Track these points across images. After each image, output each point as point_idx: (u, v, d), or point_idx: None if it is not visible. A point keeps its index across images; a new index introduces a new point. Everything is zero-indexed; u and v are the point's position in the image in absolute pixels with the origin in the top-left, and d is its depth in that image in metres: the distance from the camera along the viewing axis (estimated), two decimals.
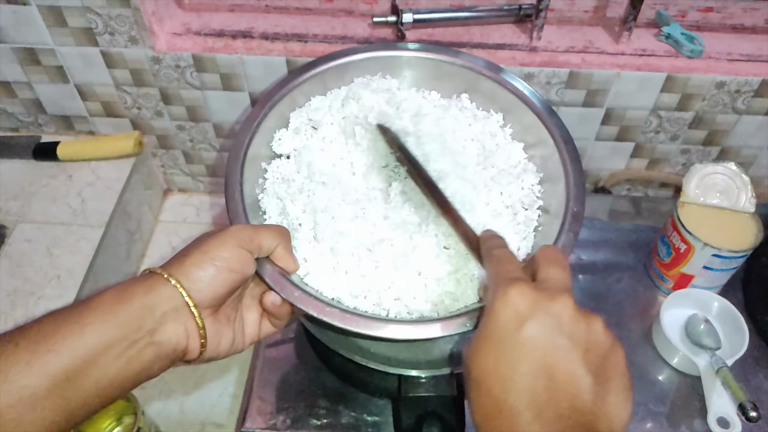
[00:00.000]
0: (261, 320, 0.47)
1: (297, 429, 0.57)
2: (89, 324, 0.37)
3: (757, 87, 0.70)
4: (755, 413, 0.51)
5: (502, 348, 0.33)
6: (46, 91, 0.78)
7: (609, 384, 0.33)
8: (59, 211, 0.76)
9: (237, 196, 0.50)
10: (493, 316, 0.34)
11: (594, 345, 0.33)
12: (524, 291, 0.34)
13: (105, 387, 0.37)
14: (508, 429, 0.33)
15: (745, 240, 0.60)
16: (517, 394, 0.32)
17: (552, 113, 0.56)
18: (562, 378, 0.32)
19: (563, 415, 0.32)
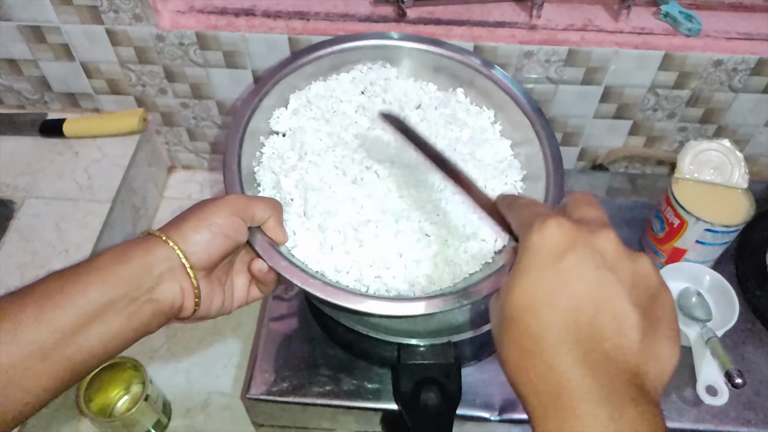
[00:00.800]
0: (249, 286, 0.50)
1: (299, 396, 0.59)
2: (92, 283, 0.39)
3: (754, 65, 0.71)
4: (740, 380, 0.53)
5: (540, 282, 0.30)
6: (52, 69, 0.79)
7: (658, 324, 0.30)
8: (66, 187, 0.77)
9: (234, 168, 0.53)
10: (529, 250, 0.31)
11: (641, 282, 0.31)
12: (562, 223, 0.31)
13: (108, 341, 0.39)
14: (548, 372, 0.29)
15: (738, 215, 0.61)
16: (558, 330, 0.30)
17: (540, 114, 0.58)
18: (607, 314, 0.29)
19: (609, 357, 0.29)
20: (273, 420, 0.63)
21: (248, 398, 0.59)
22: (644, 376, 0.29)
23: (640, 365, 0.29)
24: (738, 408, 0.59)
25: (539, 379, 0.30)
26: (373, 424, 0.61)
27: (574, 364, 0.29)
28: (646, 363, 0.29)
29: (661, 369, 0.30)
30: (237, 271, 0.50)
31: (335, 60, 0.62)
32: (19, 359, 0.36)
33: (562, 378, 0.29)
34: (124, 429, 0.65)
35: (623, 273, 0.30)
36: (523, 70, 0.73)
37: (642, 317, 0.30)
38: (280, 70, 0.59)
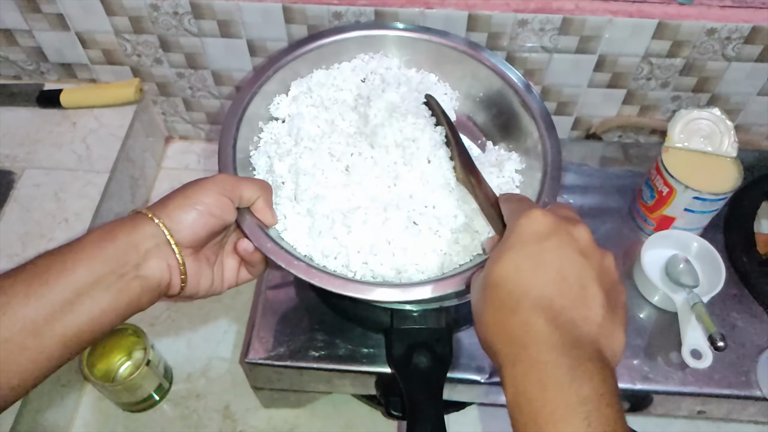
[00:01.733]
0: (239, 268, 0.51)
1: (296, 360, 0.61)
2: (79, 260, 0.40)
3: (747, 34, 0.71)
4: (722, 343, 0.54)
5: (524, 256, 0.36)
6: (47, 39, 0.79)
7: (615, 309, 0.36)
8: (65, 157, 0.78)
9: (229, 150, 0.53)
10: (516, 230, 0.37)
11: (606, 274, 0.36)
12: (547, 213, 0.37)
13: (98, 317, 0.40)
14: (521, 329, 0.34)
15: (726, 183, 0.62)
16: (535, 296, 0.35)
17: (542, 107, 0.58)
18: (578, 287, 0.35)
19: (575, 323, 0.34)
20: (271, 384, 0.65)
21: (247, 363, 0.61)
22: (602, 347, 0.34)
23: (599, 337, 0.34)
24: (722, 371, 0.61)
25: (513, 332, 0.35)
26: (368, 387, 0.63)
27: (545, 323, 0.34)
28: (605, 337, 0.35)
29: (614, 345, 0.35)
30: (227, 252, 0.50)
31: (337, 48, 0.62)
32: (11, 334, 0.37)
33: (533, 331, 0.34)
34: (126, 393, 0.67)
35: (594, 261, 0.36)
36: (518, 39, 0.73)
37: (605, 298, 0.35)
38: (282, 56, 0.60)
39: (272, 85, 0.59)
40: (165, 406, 0.71)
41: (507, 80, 0.60)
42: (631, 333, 0.63)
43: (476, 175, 0.50)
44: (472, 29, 0.72)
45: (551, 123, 0.57)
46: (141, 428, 0.70)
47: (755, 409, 0.62)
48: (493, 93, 0.62)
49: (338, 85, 0.61)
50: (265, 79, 0.58)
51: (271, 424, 0.70)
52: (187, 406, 0.71)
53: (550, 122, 0.57)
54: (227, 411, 0.71)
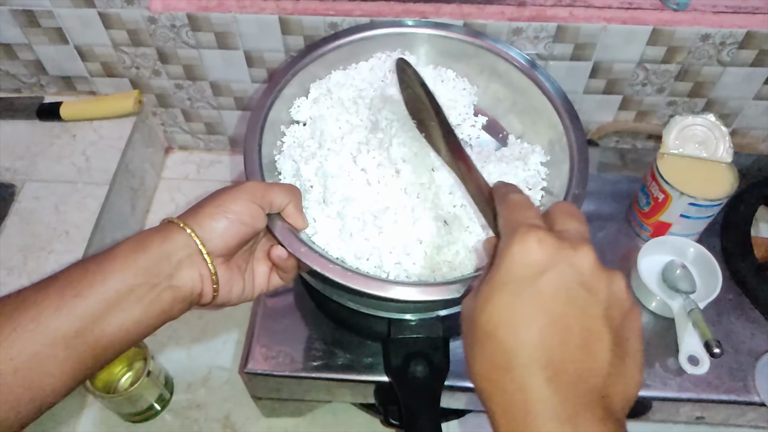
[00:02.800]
0: (270, 273, 0.51)
1: (295, 370, 0.61)
2: (111, 271, 0.40)
3: (741, 39, 0.71)
4: (718, 350, 0.55)
5: (518, 298, 0.30)
6: (47, 53, 0.80)
7: (627, 345, 0.31)
8: (65, 170, 0.79)
9: (255, 156, 0.53)
10: (508, 262, 0.31)
11: (615, 302, 0.31)
12: (544, 239, 0.31)
13: (129, 328, 0.40)
14: (517, 389, 0.30)
15: (721, 189, 0.63)
16: (532, 349, 0.29)
17: (565, 99, 0.58)
18: (581, 335, 0.30)
19: (579, 378, 0.29)
20: (271, 393, 0.65)
21: (246, 373, 0.61)
22: (612, 396, 0.30)
23: (608, 387, 0.30)
24: (720, 376, 0.61)
25: (509, 396, 0.30)
26: (367, 396, 0.63)
27: (543, 384, 0.29)
28: (614, 384, 0.30)
29: (627, 389, 0.31)
30: (258, 258, 0.50)
31: (355, 49, 0.63)
32: (42, 347, 0.37)
33: (530, 397, 0.29)
34: (127, 404, 0.68)
35: (600, 292, 0.31)
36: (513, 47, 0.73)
37: (614, 338, 0.30)
38: (299, 59, 0.60)
39: (291, 88, 0.59)
40: (166, 416, 0.72)
41: (528, 74, 0.60)
42: None
43: (465, 161, 0.42)
44: None
45: (575, 114, 0.57)
46: None
47: (754, 415, 0.62)
48: (514, 87, 0.62)
49: (357, 85, 0.61)
50: (285, 83, 0.58)
51: None
52: (187, 416, 0.71)
53: (574, 114, 0.57)
54: (228, 421, 0.71)
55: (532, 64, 0.61)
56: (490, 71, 0.63)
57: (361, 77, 0.62)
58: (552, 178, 0.57)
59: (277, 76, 0.59)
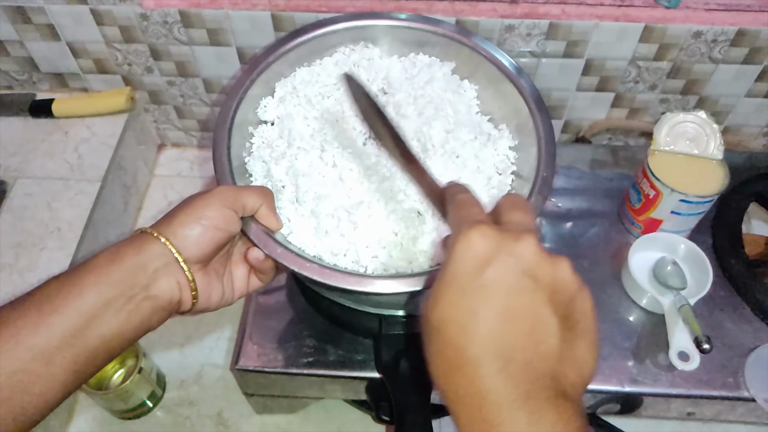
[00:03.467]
0: (249, 276, 0.51)
1: (287, 366, 0.61)
2: (87, 285, 0.40)
3: (733, 36, 0.71)
4: (708, 345, 0.55)
5: (463, 293, 0.31)
6: (39, 49, 0.80)
7: (577, 327, 0.32)
8: (57, 167, 0.79)
9: (224, 159, 0.53)
10: (453, 261, 0.32)
11: (561, 287, 0.31)
12: (486, 232, 0.31)
13: (110, 341, 0.40)
14: (470, 382, 0.30)
15: (712, 185, 0.63)
16: (480, 342, 0.30)
17: (530, 83, 0.58)
18: (527, 322, 0.30)
19: (529, 364, 0.30)
20: (263, 390, 0.66)
21: (238, 369, 0.61)
22: (563, 379, 0.31)
23: (558, 370, 0.30)
24: (710, 372, 0.61)
25: (463, 390, 0.30)
26: (358, 393, 0.63)
27: (494, 374, 0.30)
28: (566, 367, 0.31)
29: (580, 371, 0.31)
30: (235, 262, 0.50)
31: (317, 45, 0.62)
32: (23, 364, 0.37)
33: (483, 389, 0.30)
34: (119, 400, 0.68)
35: (544, 279, 0.31)
36: (505, 44, 0.74)
37: (561, 323, 0.31)
38: (263, 58, 0.60)
39: (257, 88, 0.59)
40: (158, 413, 0.72)
41: (490, 59, 0.60)
42: (620, 336, 0.63)
43: (416, 166, 0.41)
44: None
45: (540, 97, 0.57)
46: None
47: (744, 410, 0.62)
48: (478, 72, 0.62)
49: (323, 81, 0.61)
50: (250, 83, 0.58)
51: (263, 430, 0.71)
52: (180, 413, 0.71)
53: (538, 97, 0.57)
54: (220, 417, 0.71)
55: (495, 49, 0.61)
56: (453, 58, 0.63)
57: (326, 72, 0.61)
58: (521, 162, 0.57)
59: (242, 77, 0.59)
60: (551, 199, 0.74)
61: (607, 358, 0.62)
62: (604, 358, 0.62)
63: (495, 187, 0.55)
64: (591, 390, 0.61)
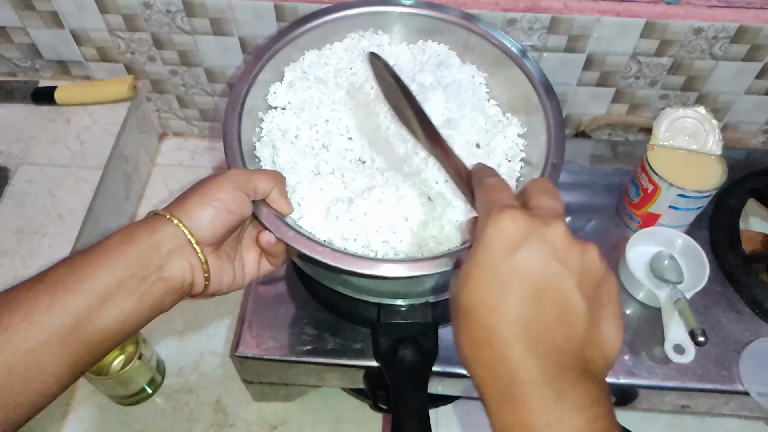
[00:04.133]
0: (260, 260, 0.51)
1: (286, 354, 0.61)
2: (100, 266, 0.40)
3: (734, 33, 0.71)
4: (703, 338, 0.55)
5: (494, 275, 0.32)
6: (42, 36, 0.80)
7: (603, 311, 0.33)
8: (59, 154, 0.79)
9: (235, 144, 0.53)
10: (484, 243, 0.33)
11: (589, 272, 0.33)
12: (516, 217, 0.32)
13: (123, 321, 0.40)
14: (499, 362, 0.31)
15: (710, 181, 0.63)
16: (509, 323, 0.31)
17: (539, 70, 0.58)
18: (556, 305, 0.32)
19: (557, 345, 0.31)
20: (261, 377, 0.66)
21: (237, 357, 0.62)
22: (590, 360, 0.32)
23: (585, 351, 0.32)
24: (705, 366, 0.61)
25: (492, 369, 0.32)
26: (356, 381, 0.64)
27: (523, 354, 0.31)
28: (591, 349, 0.32)
29: (605, 352, 0.33)
30: (246, 246, 0.50)
31: (327, 30, 0.62)
32: (36, 345, 0.37)
33: (512, 368, 0.31)
34: (119, 386, 0.68)
35: (573, 263, 0.32)
36: None
37: (588, 306, 0.32)
38: (273, 44, 0.60)
39: (266, 74, 0.59)
40: (157, 400, 0.72)
41: (500, 46, 0.60)
42: None
43: (442, 147, 0.43)
44: None
45: (549, 85, 0.58)
46: (134, 421, 0.71)
47: (738, 403, 0.62)
48: (487, 61, 0.62)
49: (333, 65, 0.61)
50: (259, 69, 0.58)
51: (261, 417, 0.71)
52: (179, 400, 0.72)
53: (548, 84, 0.58)
54: (219, 405, 0.72)
55: (504, 37, 0.61)
56: (462, 45, 0.63)
57: (336, 57, 0.61)
58: (530, 149, 0.57)
59: (252, 63, 0.58)
60: None
61: None
62: None
63: (504, 174, 0.56)
64: None
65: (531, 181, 0.38)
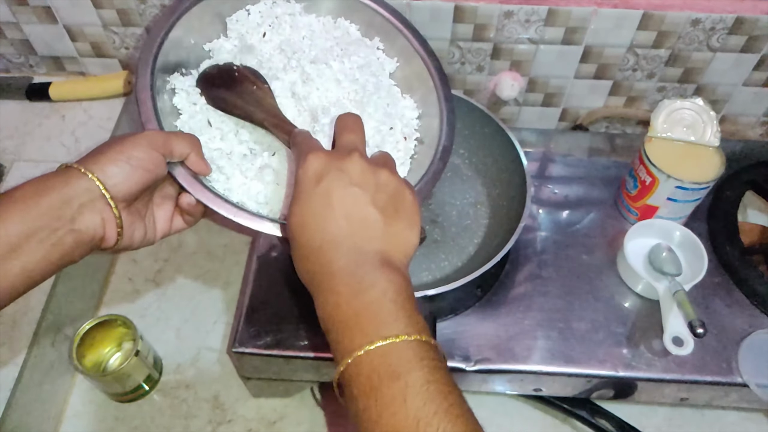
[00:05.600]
0: (173, 217, 0.53)
1: (283, 349, 0.61)
2: (13, 214, 0.41)
3: (731, 24, 0.71)
4: (702, 330, 0.55)
5: (307, 203, 0.41)
6: (36, 32, 0.79)
7: (397, 215, 0.42)
8: (54, 150, 0.78)
9: (149, 103, 0.51)
10: (298, 181, 0.42)
11: (382, 188, 0.42)
12: (319, 155, 0.42)
13: (31, 270, 0.41)
14: (320, 263, 0.41)
15: (708, 172, 0.63)
16: (323, 234, 0.40)
17: (433, 56, 0.62)
18: (356, 217, 0.41)
19: (358, 246, 0.40)
20: (259, 373, 0.66)
21: (234, 352, 0.62)
22: (389, 253, 0.41)
23: (384, 246, 0.41)
24: (704, 358, 0.61)
25: (317, 270, 0.41)
26: None
27: (335, 255, 0.40)
28: (389, 244, 0.41)
29: (402, 247, 0.42)
30: (157, 203, 0.52)
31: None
32: None
33: (327, 264, 0.40)
34: (116, 383, 0.68)
35: (367, 185, 0.42)
36: (504, 31, 0.73)
37: (383, 214, 0.41)
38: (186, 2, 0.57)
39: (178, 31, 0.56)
40: (155, 396, 0.72)
41: (400, 30, 0.62)
42: (615, 321, 0.64)
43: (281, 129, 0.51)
44: (459, 21, 0.73)
45: (443, 71, 0.62)
46: (131, 418, 0.70)
47: (737, 396, 0.62)
48: (389, 43, 0.63)
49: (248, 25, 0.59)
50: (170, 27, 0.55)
51: (260, 413, 0.71)
52: (176, 396, 0.72)
53: (441, 70, 0.61)
54: (216, 401, 0.71)
55: (402, 20, 0.62)
56: (367, 26, 0.63)
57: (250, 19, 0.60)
58: (424, 130, 0.60)
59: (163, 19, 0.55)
60: (548, 186, 0.75)
61: (601, 343, 0.62)
62: (599, 341, 0.62)
63: (401, 150, 0.57)
64: (585, 374, 0.61)
65: (336, 118, 0.47)
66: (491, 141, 0.71)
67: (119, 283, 0.79)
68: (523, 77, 0.79)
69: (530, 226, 0.71)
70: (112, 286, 0.79)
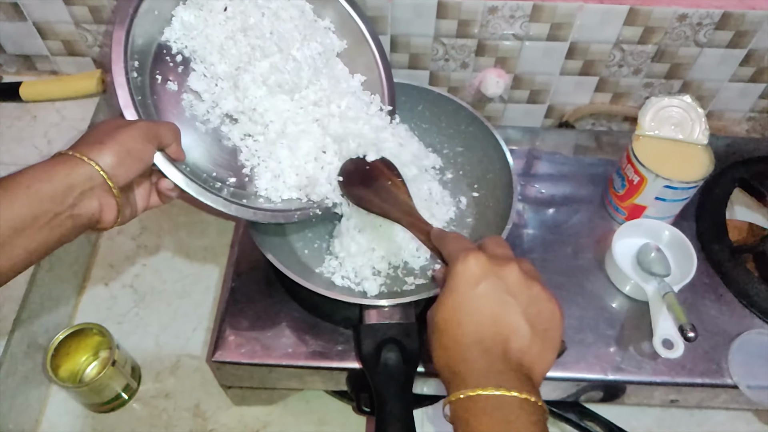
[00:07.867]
0: (149, 196, 0.56)
1: (265, 358, 0.59)
2: (18, 198, 0.43)
3: (718, 19, 0.70)
4: (692, 334, 0.54)
5: (461, 301, 0.42)
6: (4, 29, 0.77)
7: (545, 334, 0.42)
8: (25, 153, 0.76)
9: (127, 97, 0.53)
10: (454, 277, 0.42)
11: (534, 303, 0.42)
12: (480, 258, 0.42)
13: (33, 251, 0.44)
14: (460, 361, 0.41)
15: (697, 171, 0.62)
16: (470, 335, 0.41)
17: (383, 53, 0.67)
18: (505, 326, 0.41)
19: (503, 353, 0.41)
20: (241, 381, 0.64)
21: (214, 362, 0.60)
22: (530, 368, 0.41)
23: (526, 361, 0.41)
24: (694, 360, 0.60)
25: (456, 367, 0.41)
26: (339, 383, 0.62)
27: (479, 356, 0.41)
28: (531, 361, 0.41)
29: (541, 365, 0.42)
30: (137, 183, 0.55)
31: None
32: None
33: (470, 365, 0.41)
34: (93, 394, 0.66)
35: (521, 297, 0.42)
36: (488, 27, 0.72)
37: (531, 329, 0.41)
38: None
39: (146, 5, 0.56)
40: (134, 406, 0.70)
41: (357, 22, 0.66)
42: (603, 323, 0.62)
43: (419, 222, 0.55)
44: (443, 17, 0.71)
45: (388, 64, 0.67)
46: (109, 429, 0.68)
47: (727, 397, 0.62)
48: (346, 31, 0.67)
49: None
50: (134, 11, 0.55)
51: (242, 422, 0.69)
52: (156, 406, 0.70)
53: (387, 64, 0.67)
54: (197, 410, 0.69)
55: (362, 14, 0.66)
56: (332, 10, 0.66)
57: None
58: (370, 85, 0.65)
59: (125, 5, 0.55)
60: (535, 185, 0.73)
61: (590, 346, 0.61)
62: (589, 343, 0.61)
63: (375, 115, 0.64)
64: (574, 378, 0.60)
65: (487, 237, 0.47)
66: (476, 139, 0.69)
67: (95, 289, 0.77)
68: (508, 74, 0.78)
69: (517, 225, 0.69)
70: (88, 292, 0.77)
